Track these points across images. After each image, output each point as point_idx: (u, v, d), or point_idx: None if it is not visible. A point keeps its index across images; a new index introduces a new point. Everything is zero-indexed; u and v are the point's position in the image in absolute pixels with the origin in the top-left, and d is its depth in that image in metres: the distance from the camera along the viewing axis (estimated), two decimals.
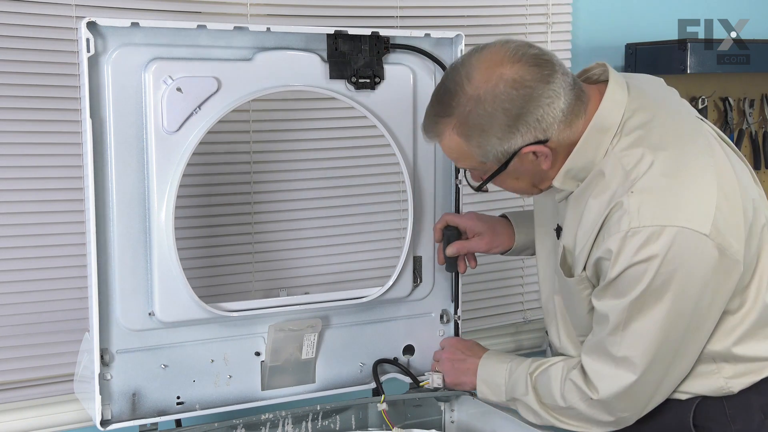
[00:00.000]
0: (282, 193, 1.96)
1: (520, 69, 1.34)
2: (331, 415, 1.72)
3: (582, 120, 1.39)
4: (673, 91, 1.56)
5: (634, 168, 1.35)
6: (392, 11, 2.08)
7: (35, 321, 1.80)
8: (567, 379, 1.49)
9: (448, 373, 1.75)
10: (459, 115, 1.37)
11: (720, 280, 1.35)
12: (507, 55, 1.36)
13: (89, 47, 1.44)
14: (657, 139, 1.38)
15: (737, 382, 1.44)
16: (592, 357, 1.45)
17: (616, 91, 1.42)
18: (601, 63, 1.49)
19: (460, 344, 1.78)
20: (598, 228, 1.37)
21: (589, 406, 1.46)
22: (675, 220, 1.31)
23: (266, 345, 1.68)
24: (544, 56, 1.37)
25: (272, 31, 1.59)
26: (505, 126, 1.35)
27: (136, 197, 1.52)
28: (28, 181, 1.77)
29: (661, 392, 1.45)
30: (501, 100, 1.34)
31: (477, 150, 1.39)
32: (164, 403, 1.61)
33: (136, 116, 1.51)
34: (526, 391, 1.55)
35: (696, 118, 1.48)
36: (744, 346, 1.43)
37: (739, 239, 1.36)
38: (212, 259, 1.91)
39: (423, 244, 1.78)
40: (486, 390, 1.64)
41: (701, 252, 1.32)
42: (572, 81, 1.38)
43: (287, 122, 1.96)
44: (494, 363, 1.65)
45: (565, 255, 1.48)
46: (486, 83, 1.35)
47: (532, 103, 1.34)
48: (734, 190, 1.37)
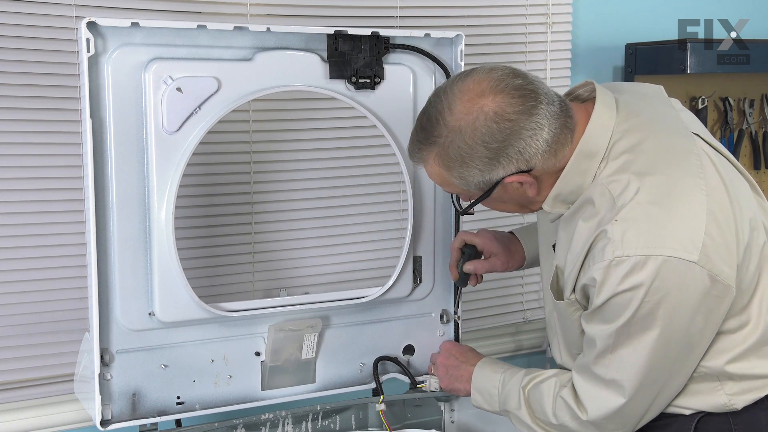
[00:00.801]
0: (282, 193, 1.96)
1: (503, 101, 1.32)
2: (331, 415, 1.73)
3: (569, 147, 1.37)
4: (670, 103, 1.52)
5: (621, 195, 1.33)
6: (392, 11, 2.08)
7: (35, 321, 1.80)
8: (558, 396, 1.48)
9: (442, 378, 1.75)
10: (440, 145, 1.36)
11: (711, 305, 1.33)
12: (490, 86, 1.33)
13: (89, 47, 1.44)
14: (644, 163, 1.35)
15: (740, 399, 1.42)
16: (582, 377, 1.44)
17: (603, 114, 1.39)
18: (589, 81, 1.46)
19: (455, 349, 1.77)
20: (585, 254, 1.36)
21: (580, 425, 1.45)
22: (660, 249, 1.28)
23: (266, 345, 1.68)
24: (529, 86, 1.34)
25: (272, 31, 1.59)
26: (485, 158, 1.33)
27: (136, 197, 1.52)
28: (29, 181, 1.77)
29: (651, 411, 1.43)
30: (481, 134, 1.32)
31: (458, 180, 1.39)
32: (164, 403, 1.61)
33: (136, 116, 1.51)
34: (519, 405, 1.54)
35: (690, 136, 1.43)
36: (746, 364, 1.40)
37: (731, 264, 1.33)
38: (212, 259, 1.91)
39: (423, 244, 1.78)
40: (480, 399, 1.64)
41: (690, 279, 1.30)
42: (558, 109, 1.35)
43: (287, 122, 1.96)
44: (488, 372, 1.65)
45: (557, 274, 1.47)
46: (467, 115, 1.33)
47: (514, 137, 1.32)
48: (726, 213, 1.34)
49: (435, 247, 1.79)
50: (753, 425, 1.43)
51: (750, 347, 1.40)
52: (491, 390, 1.61)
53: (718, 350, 1.40)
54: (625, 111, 1.41)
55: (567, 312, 1.45)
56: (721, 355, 1.40)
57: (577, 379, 1.45)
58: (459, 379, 1.70)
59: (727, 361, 1.40)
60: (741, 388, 1.42)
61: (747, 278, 1.37)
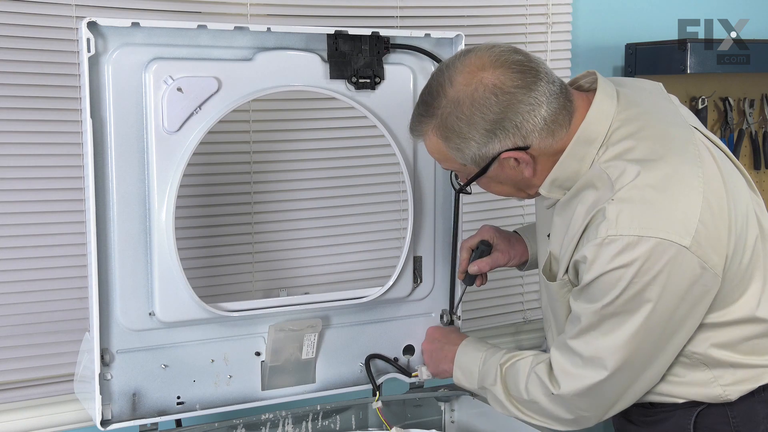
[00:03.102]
0: (282, 193, 1.96)
1: (502, 74, 1.34)
2: (331, 415, 1.73)
3: (567, 130, 1.39)
4: (670, 99, 1.54)
5: (619, 177, 1.34)
6: (392, 11, 2.09)
7: (35, 321, 1.80)
8: (533, 371, 1.49)
9: (429, 363, 1.76)
10: (439, 117, 1.38)
11: (697, 293, 1.34)
12: (490, 60, 1.35)
13: (89, 47, 1.44)
14: (644, 149, 1.37)
15: (735, 390, 1.43)
16: (561, 353, 1.45)
17: (603, 101, 1.41)
18: (591, 71, 1.48)
19: (437, 332, 1.78)
20: (581, 233, 1.37)
21: (550, 401, 1.46)
22: (653, 231, 1.30)
23: (266, 345, 1.68)
24: (530, 63, 1.36)
25: (272, 31, 1.59)
26: (483, 130, 1.35)
27: (136, 197, 1.52)
28: (29, 181, 1.77)
29: (625, 399, 1.44)
30: (479, 105, 1.34)
31: (456, 153, 1.40)
32: (164, 403, 1.61)
33: (136, 116, 1.51)
34: (494, 381, 1.56)
35: (689, 128, 1.45)
36: (738, 355, 1.42)
37: (720, 254, 1.34)
38: (212, 259, 1.91)
39: (423, 244, 1.78)
40: (461, 376, 1.65)
41: (680, 264, 1.31)
42: (558, 90, 1.37)
43: (287, 122, 1.96)
44: (471, 351, 1.65)
45: (550, 260, 1.48)
46: (466, 87, 1.35)
47: (511, 110, 1.34)
48: (721, 203, 1.35)
49: (435, 247, 1.79)
50: (750, 417, 1.45)
51: (741, 339, 1.41)
52: (472, 368, 1.62)
53: (708, 339, 1.41)
54: (625, 101, 1.43)
55: (559, 294, 1.46)
56: (710, 343, 1.41)
57: (554, 354, 1.46)
58: (443, 360, 1.71)
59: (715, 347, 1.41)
60: (734, 379, 1.43)
61: (740, 271, 1.38)
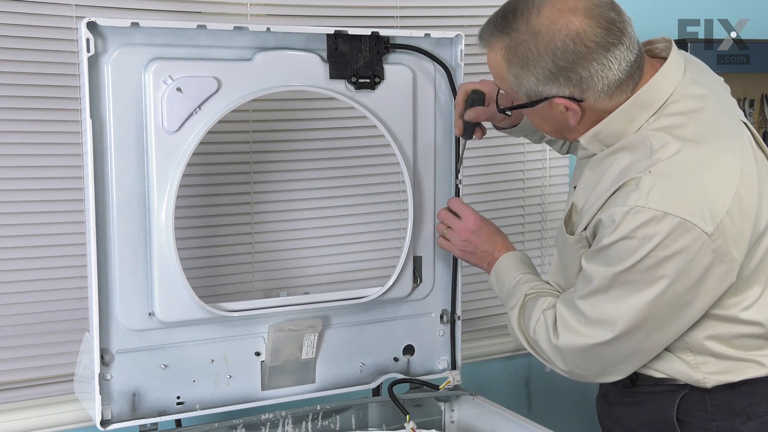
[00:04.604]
0: (282, 193, 1.96)
1: (588, 26, 1.33)
2: (331, 415, 1.73)
3: (626, 96, 1.39)
4: (727, 89, 1.56)
5: (661, 149, 1.35)
6: (392, 11, 2.08)
7: (35, 321, 1.80)
8: (542, 313, 1.50)
9: (465, 252, 1.70)
10: (513, 39, 1.37)
11: (709, 282, 1.35)
12: (585, 6, 1.34)
13: (89, 47, 1.44)
14: (693, 130, 1.37)
15: (713, 378, 1.44)
16: (566, 308, 1.46)
17: (670, 70, 1.41)
18: (668, 38, 1.48)
19: (485, 230, 1.69)
20: (610, 194, 1.37)
21: (549, 348, 1.48)
22: (680, 210, 1.30)
23: (266, 345, 1.68)
24: (620, 24, 1.35)
25: (272, 31, 1.59)
26: (547, 71, 1.35)
27: (136, 197, 1.52)
28: (29, 181, 1.77)
29: (620, 368, 1.45)
30: (555, 47, 1.33)
31: (513, 78, 1.40)
32: (164, 403, 1.61)
33: (136, 116, 1.51)
34: (514, 306, 1.57)
35: (740, 122, 1.47)
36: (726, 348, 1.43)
37: (740, 250, 1.35)
38: (212, 259, 1.91)
39: (423, 244, 1.78)
40: (495, 282, 1.65)
41: (698, 249, 1.31)
42: (634, 58, 1.36)
43: (287, 122, 1.96)
44: (511, 267, 1.64)
45: (571, 212, 1.48)
46: (550, 24, 1.34)
47: (582, 63, 1.34)
48: (752, 202, 1.36)
49: (435, 247, 1.79)
50: (727, 408, 1.45)
51: (736, 335, 1.42)
52: (505, 283, 1.63)
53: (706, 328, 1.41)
54: (690, 77, 1.43)
55: (573, 248, 1.46)
56: (706, 333, 1.42)
57: (560, 308, 1.47)
58: (482, 260, 1.69)
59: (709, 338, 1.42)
60: (716, 369, 1.43)
61: (747, 271, 1.39)
